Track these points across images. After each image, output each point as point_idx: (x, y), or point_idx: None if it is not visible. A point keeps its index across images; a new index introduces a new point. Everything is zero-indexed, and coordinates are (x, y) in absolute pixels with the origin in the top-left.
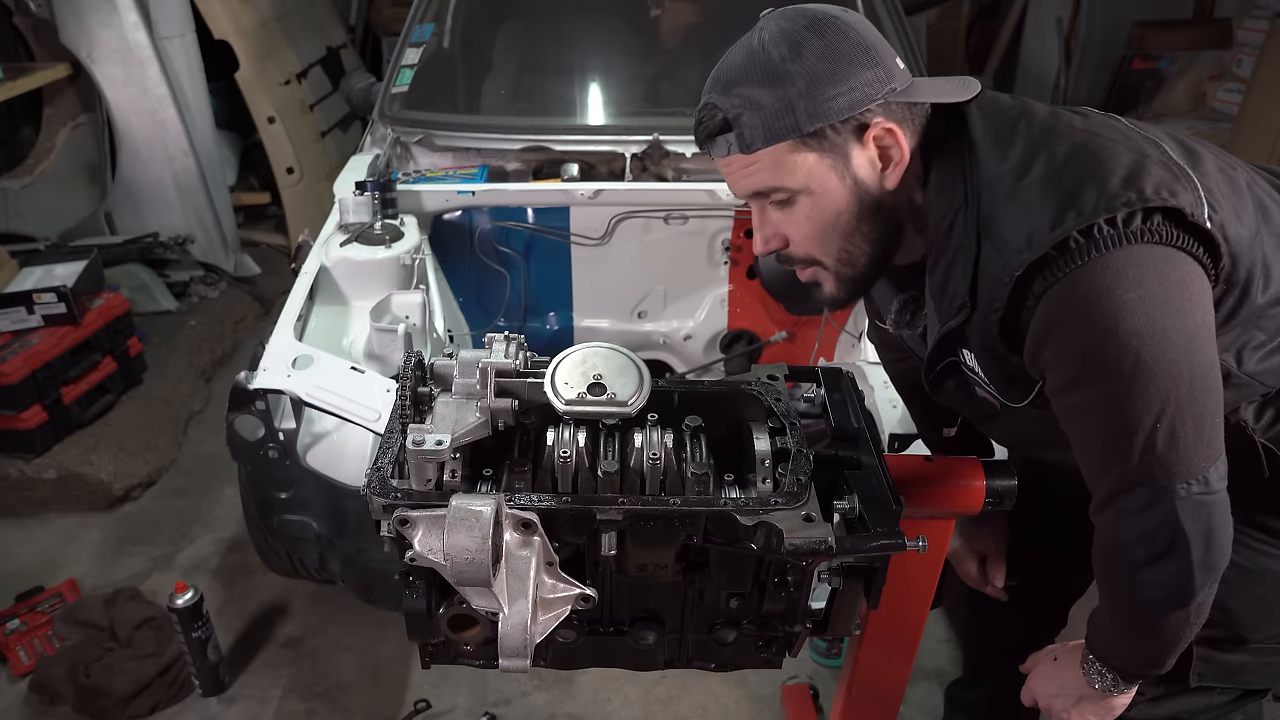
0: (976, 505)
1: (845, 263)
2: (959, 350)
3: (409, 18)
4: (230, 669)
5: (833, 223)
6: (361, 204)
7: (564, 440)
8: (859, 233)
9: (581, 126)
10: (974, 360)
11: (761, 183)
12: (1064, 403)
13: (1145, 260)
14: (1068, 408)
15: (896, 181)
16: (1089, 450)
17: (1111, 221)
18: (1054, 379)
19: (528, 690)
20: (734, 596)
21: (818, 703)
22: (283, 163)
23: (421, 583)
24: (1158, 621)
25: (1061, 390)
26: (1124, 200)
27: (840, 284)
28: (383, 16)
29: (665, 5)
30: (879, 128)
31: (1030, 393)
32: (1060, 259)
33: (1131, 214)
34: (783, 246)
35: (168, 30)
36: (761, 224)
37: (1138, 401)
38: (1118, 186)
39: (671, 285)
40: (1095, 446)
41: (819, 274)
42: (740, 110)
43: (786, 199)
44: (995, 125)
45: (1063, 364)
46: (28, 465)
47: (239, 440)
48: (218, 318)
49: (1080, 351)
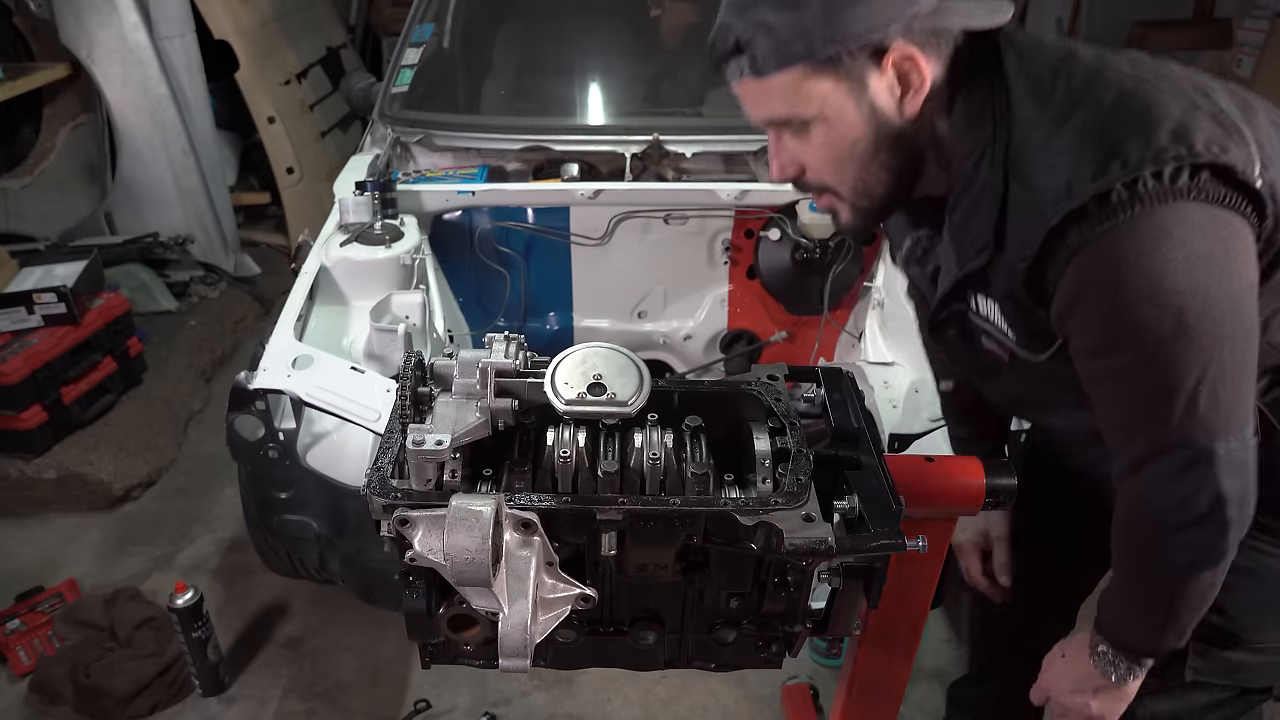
0: (977, 505)
1: (861, 193)
2: (970, 296)
3: (409, 18)
4: (230, 669)
5: (849, 151)
6: (361, 204)
7: (564, 440)
8: (876, 162)
9: (581, 126)
10: (987, 307)
11: (775, 110)
12: (1094, 365)
13: (1190, 218)
14: (1097, 370)
15: (915, 110)
16: (1117, 413)
17: (1158, 176)
18: (1085, 341)
19: (528, 690)
20: (734, 596)
21: (818, 703)
22: (283, 163)
23: (421, 583)
24: (1182, 588)
25: (1092, 353)
26: (1173, 154)
27: (856, 213)
28: (383, 16)
29: (665, 5)
30: (898, 52)
31: (1051, 346)
32: (1100, 212)
33: (1179, 169)
34: (798, 174)
35: (168, 30)
36: (777, 150)
37: (1179, 363)
38: (1166, 140)
39: (671, 285)
40: (1125, 410)
41: (834, 203)
42: (753, 33)
43: (801, 126)
44: (1035, 66)
45: (1096, 326)
46: (28, 465)
47: (239, 440)
48: (218, 318)
49: (1117, 313)
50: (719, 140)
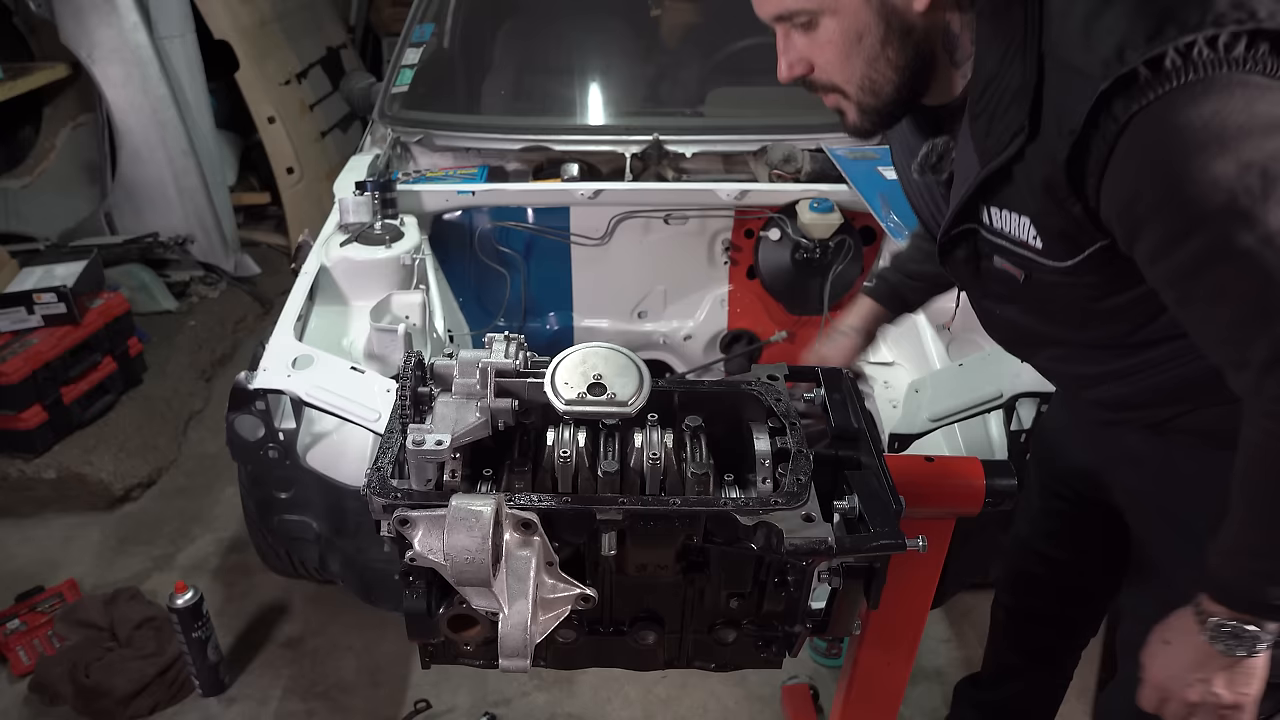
0: (977, 505)
1: (869, 91)
2: (984, 211)
3: (409, 18)
4: (230, 669)
5: (856, 46)
6: (361, 204)
7: (564, 440)
8: (884, 58)
9: (581, 126)
10: (1004, 220)
11: (782, 5)
12: (1176, 259)
13: (1251, 88)
14: (1183, 264)
15: (926, 3)
16: (1218, 313)
17: (1213, 42)
18: (1161, 229)
19: (528, 690)
20: (734, 596)
21: (818, 703)
22: (283, 163)
23: (421, 583)
24: None
25: (1172, 240)
26: (1233, 19)
27: (863, 114)
28: (383, 16)
29: (665, 5)
30: None
31: (1080, 253)
32: (1154, 79)
33: (1237, 35)
34: (806, 73)
35: (168, 30)
36: (785, 49)
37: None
38: (1225, 6)
39: (671, 285)
40: (1229, 305)
41: (841, 103)
42: None
43: (809, 21)
44: None
45: (1171, 204)
46: (28, 465)
47: (239, 440)
48: (218, 318)
49: (1191, 181)
50: (719, 140)
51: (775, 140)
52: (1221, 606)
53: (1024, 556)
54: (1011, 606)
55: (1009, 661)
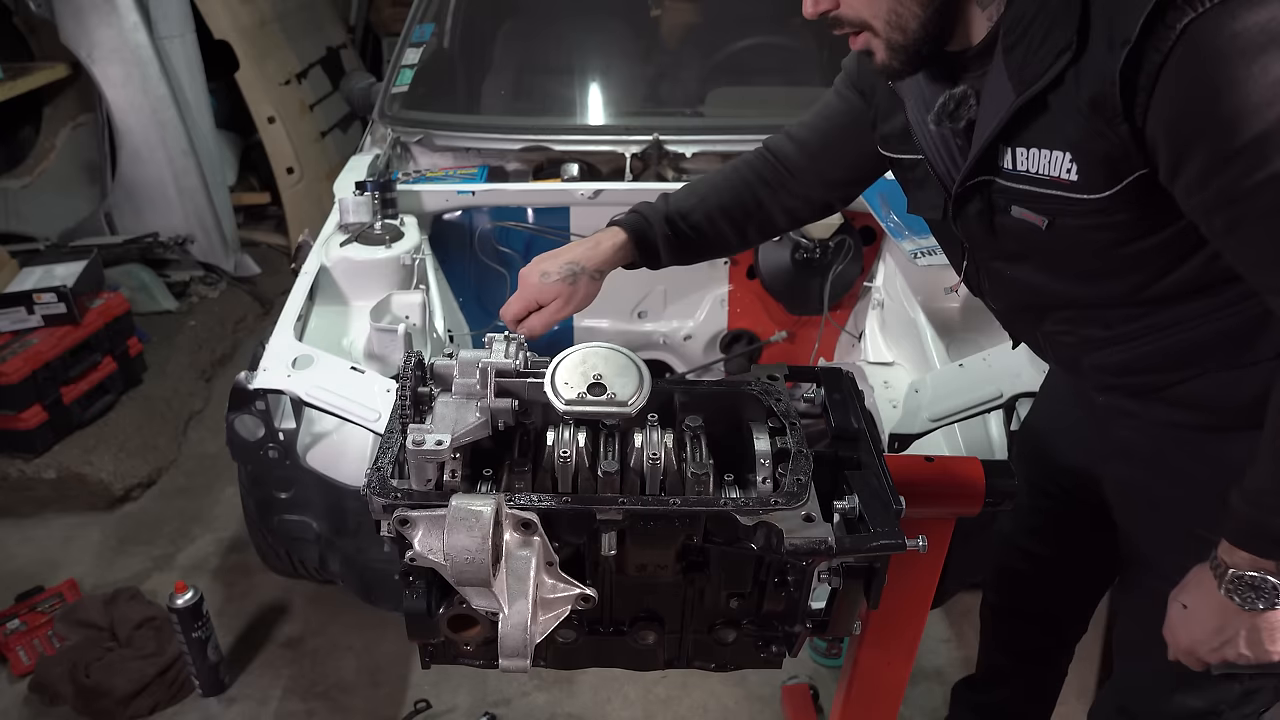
0: (977, 505)
1: (896, 26)
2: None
3: (409, 18)
4: (230, 669)
5: None
6: (361, 204)
7: (564, 440)
8: None
9: (581, 126)
10: (1032, 159)
11: None
12: (1229, 174)
13: None
14: (1234, 180)
15: None
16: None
17: None
18: (1208, 146)
19: (528, 690)
20: (734, 596)
21: (818, 703)
22: (283, 163)
23: (421, 583)
24: None
25: (1227, 157)
26: None
27: (891, 51)
28: (383, 16)
29: (665, 5)
30: None
31: (1120, 181)
32: None
33: None
34: (831, 7)
35: (168, 30)
36: None
37: None
38: None
39: (671, 285)
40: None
41: (870, 41)
42: None
43: None
44: None
45: (1221, 117)
46: (28, 465)
47: (239, 440)
48: (218, 318)
49: (1246, 90)
50: (719, 140)
51: None
52: (1242, 553)
53: (1009, 553)
54: (997, 605)
55: (1000, 662)
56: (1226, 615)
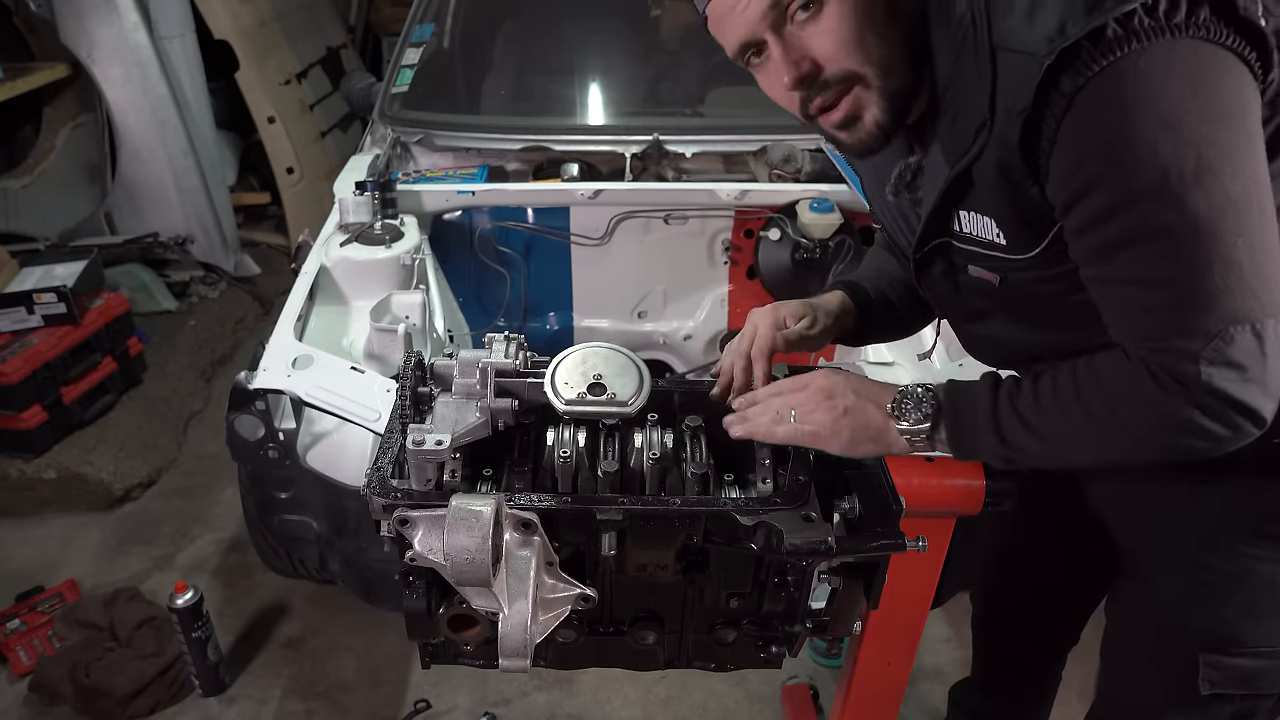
0: (977, 505)
1: (888, 71)
2: (955, 217)
3: (409, 18)
4: (230, 669)
5: (868, 17)
6: (361, 204)
7: (564, 440)
8: (895, 30)
9: (581, 126)
10: (972, 222)
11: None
12: (1107, 232)
13: (1192, 56)
14: (1113, 236)
15: None
16: (1138, 296)
17: (1152, 10)
18: (1095, 201)
19: (528, 690)
20: (734, 596)
21: (818, 703)
22: (283, 163)
23: (421, 583)
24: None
25: (1105, 213)
26: None
27: (886, 99)
28: (383, 16)
29: (665, 5)
30: None
31: (1044, 238)
32: (1095, 50)
33: (1176, 1)
34: (813, 70)
35: (168, 30)
36: (786, 50)
37: (1212, 210)
38: None
39: (671, 285)
40: (1151, 283)
41: (860, 97)
42: None
43: (806, 3)
44: None
45: (1106, 177)
46: (28, 465)
47: (239, 440)
48: (218, 318)
49: (1127, 151)
50: (719, 140)
51: (775, 140)
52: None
53: (996, 568)
54: (985, 617)
55: (992, 672)
56: (841, 390)
